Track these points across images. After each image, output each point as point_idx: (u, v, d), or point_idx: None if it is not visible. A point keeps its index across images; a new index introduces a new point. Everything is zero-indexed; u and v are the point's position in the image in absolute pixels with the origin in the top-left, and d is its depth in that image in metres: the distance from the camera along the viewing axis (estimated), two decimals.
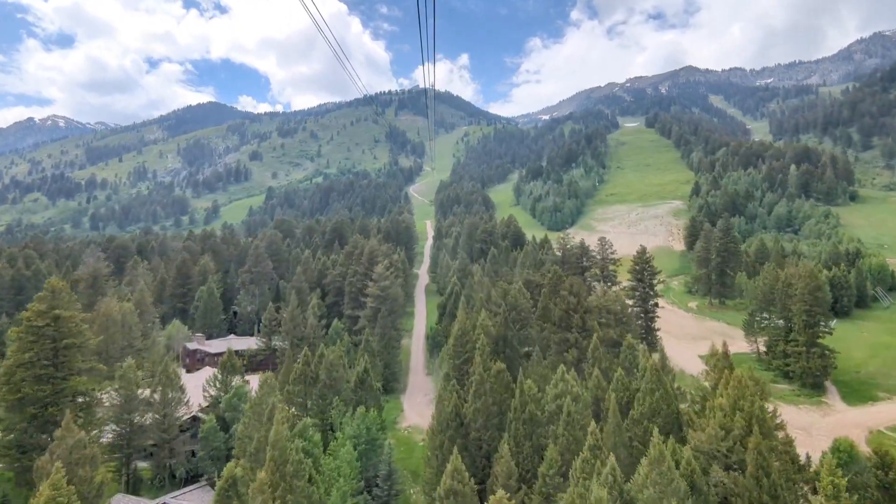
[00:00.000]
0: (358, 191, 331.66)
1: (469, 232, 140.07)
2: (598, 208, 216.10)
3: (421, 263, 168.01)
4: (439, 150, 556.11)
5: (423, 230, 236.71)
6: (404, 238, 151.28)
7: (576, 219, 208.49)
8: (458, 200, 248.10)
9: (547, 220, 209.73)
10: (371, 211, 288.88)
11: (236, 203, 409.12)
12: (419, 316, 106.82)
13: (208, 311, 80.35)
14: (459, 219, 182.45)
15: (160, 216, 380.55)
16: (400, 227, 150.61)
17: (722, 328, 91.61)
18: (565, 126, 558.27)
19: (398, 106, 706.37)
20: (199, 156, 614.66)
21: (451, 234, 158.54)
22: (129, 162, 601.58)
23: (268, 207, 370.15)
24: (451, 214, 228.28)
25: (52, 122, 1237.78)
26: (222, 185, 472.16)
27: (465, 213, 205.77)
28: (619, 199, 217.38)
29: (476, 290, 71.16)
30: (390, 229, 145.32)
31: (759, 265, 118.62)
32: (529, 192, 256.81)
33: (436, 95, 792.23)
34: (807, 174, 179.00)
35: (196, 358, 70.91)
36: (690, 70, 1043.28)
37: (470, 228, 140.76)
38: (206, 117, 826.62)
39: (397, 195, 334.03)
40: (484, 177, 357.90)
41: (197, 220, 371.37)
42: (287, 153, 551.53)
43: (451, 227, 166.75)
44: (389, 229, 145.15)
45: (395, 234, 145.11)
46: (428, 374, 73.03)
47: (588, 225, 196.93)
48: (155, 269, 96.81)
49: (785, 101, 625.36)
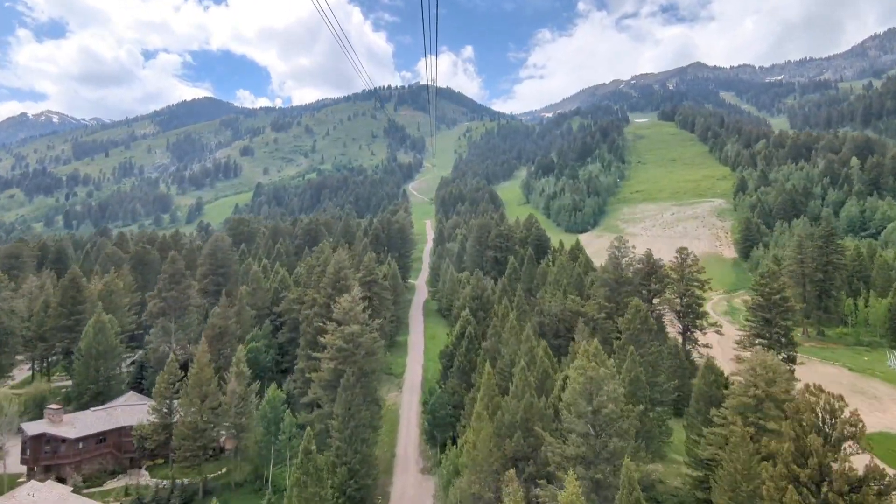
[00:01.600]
0: (352, 187, 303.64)
1: (478, 236, 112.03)
2: (622, 207, 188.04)
3: (419, 273, 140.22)
4: (440, 146, 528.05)
5: (423, 231, 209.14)
6: (398, 242, 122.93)
7: (598, 219, 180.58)
8: (461, 198, 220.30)
9: (564, 221, 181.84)
10: (365, 209, 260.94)
11: (223, 200, 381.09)
12: (414, 351, 78.78)
13: (93, 358, 52.68)
14: (465, 219, 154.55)
15: (140, 214, 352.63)
16: (392, 229, 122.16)
17: (844, 376, 63.94)
18: (573, 121, 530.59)
19: (398, 101, 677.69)
20: (189, 151, 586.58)
21: (455, 238, 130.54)
22: (115, 157, 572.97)
23: (255, 205, 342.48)
24: (453, 213, 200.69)
25: (45, 117, 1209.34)
26: (209, 182, 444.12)
27: (471, 213, 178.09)
28: (646, 197, 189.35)
29: (506, 339, 43.30)
30: (380, 231, 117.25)
31: (859, 280, 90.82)
32: (541, 189, 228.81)
33: (437, 91, 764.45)
34: (877, 168, 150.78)
35: (42, 451, 43.28)
36: (698, 66, 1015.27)
37: (479, 231, 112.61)
38: (200, 112, 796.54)
39: (395, 192, 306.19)
40: (489, 173, 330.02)
41: (179, 218, 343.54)
42: (280, 148, 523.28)
43: (456, 230, 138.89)
44: (380, 231, 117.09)
45: (386, 237, 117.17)
46: (424, 473, 45.33)
47: (613, 226, 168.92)
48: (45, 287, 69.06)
49: (803, 96, 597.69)
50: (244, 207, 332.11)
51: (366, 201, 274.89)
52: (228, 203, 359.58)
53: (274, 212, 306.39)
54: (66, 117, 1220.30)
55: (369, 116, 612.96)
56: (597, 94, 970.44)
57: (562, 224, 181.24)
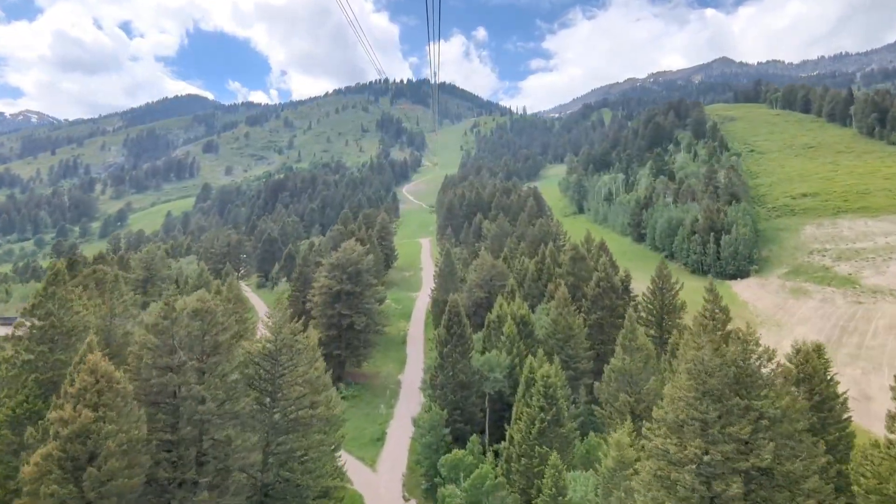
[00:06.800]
0: (320, 189, 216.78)
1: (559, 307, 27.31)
2: (792, 224, 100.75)
3: (402, 370, 55.00)
4: (443, 142, 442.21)
5: (415, 256, 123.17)
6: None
7: (751, 250, 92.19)
8: (480, 205, 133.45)
9: (691, 259, 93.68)
10: (333, 219, 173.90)
11: (161, 206, 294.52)
12: None
13: None
14: (505, 247, 69.03)
15: (46, 224, 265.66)
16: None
17: None
18: (603, 112, 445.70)
19: (395, 94, 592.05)
20: (148, 149, 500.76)
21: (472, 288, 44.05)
22: (63, 155, 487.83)
23: (196, 212, 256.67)
24: (470, 232, 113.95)
25: (23, 116, 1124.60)
26: (156, 184, 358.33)
27: (504, 234, 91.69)
28: (830, 209, 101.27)
29: None
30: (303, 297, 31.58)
31: None
32: (609, 190, 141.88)
33: (441, 87, 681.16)
34: None
35: None
36: (725, 62, 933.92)
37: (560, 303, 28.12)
38: (180, 107, 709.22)
39: (381, 196, 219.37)
40: (509, 171, 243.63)
41: (90, 231, 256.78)
42: (251, 144, 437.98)
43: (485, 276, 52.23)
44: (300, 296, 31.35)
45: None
46: None
47: (808, 266, 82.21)
48: None
49: (868, 87, 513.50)
50: (177, 218, 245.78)
51: (337, 207, 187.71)
52: (172, 208, 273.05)
53: (212, 221, 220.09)
54: (45, 116, 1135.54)
55: (360, 109, 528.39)
56: (611, 93, 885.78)
57: (682, 259, 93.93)
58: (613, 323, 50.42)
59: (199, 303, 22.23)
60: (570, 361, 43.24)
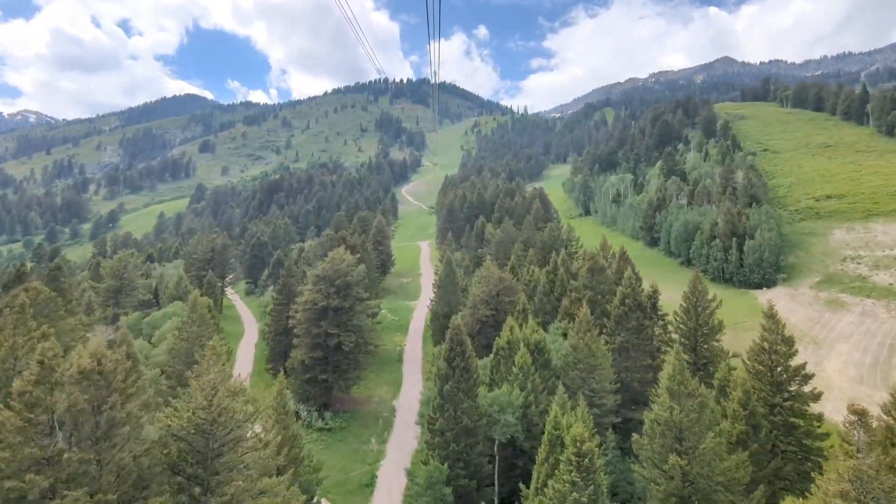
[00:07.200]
0: (316, 190, 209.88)
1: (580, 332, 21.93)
2: (819, 227, 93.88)
3: (397, 394, 48.01)
4: (443, 142, 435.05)
5: (415, 259, 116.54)
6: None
7: (777, 256, 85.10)
8: (482, 207, 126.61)
9: (711, 266, 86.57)
10: (327, 222, 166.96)
11: (154, 207, 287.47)
12: None
13: None
14: (512, 255, 62.37)
15: (34, 225, 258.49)
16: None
17: None
18: (606, 111, 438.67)
19: (394, 93, 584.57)
20: (145, 149, 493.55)
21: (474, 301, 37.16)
22: (57, 155, 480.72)
23: (189, 213, 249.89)
24: (471, 234, 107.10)
25: (21, 116, 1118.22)
26: (150, 184, 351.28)
27: (509, 241, 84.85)
28: (859, 211, 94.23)
29: None
30: None
31: None
32: (617, 191, 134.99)
33: (441, 87, 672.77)
34: None
35: None
36: (727, 61, 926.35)
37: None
38: (178, 107, 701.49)
39: (379, 197, 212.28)
40: (511, 170, 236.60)
41: (81, 233, 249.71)
42: (248, 144, 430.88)
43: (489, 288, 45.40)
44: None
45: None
46: None
47: (841, 276, 75.35)
48: None
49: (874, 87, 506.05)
50: (170, 220, 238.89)
51: (334, 209, 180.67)
52: (158, 211, 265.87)
53: (204, 224, 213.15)
54: (43, 116, 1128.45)
55: (359, 108, 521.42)
56: (613, 93, 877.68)
57: (702, 265, 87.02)
58: (641, 346, 43.50)
59: (91, 361, 15.31)
60: (594, 397, 36.33)
